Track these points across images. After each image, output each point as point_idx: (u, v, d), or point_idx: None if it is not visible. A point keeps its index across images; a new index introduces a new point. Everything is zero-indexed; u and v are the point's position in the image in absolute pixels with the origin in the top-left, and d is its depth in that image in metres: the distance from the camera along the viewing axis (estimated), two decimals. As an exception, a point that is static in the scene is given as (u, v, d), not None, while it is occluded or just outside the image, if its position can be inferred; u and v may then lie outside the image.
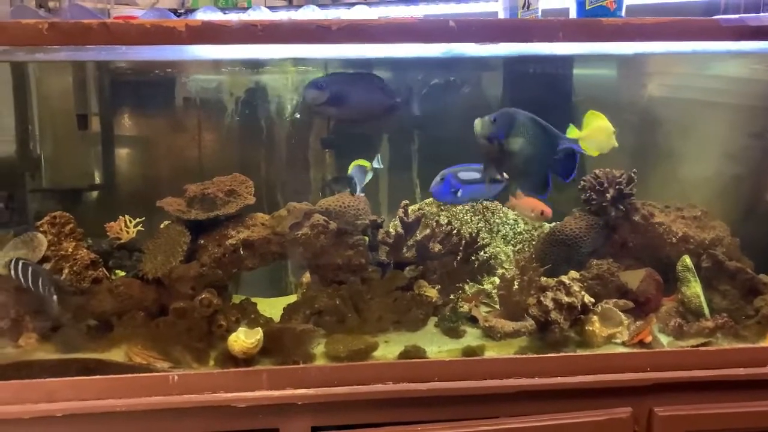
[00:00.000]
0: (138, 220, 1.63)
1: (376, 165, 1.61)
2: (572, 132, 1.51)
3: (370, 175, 1.61)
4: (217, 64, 1.77)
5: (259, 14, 1.51)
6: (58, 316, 1.43)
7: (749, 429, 1.39)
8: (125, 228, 1.61)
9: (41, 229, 1.50)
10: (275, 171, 1.93)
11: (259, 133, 1.90)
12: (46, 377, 1.30)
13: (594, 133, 1.51)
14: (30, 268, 1.37)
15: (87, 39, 1.23)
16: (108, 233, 1.62)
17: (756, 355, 1.44)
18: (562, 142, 1.46)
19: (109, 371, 1.35)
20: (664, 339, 1.56)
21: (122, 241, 1.61)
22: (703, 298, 1.60)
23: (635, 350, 1.48)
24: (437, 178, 1.59)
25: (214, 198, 1.58)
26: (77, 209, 1.72)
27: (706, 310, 1.60)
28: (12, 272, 1.38)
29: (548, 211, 1.68)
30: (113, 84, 1.86)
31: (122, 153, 1.92)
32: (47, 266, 1.47)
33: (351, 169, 1.60)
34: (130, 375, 1.33)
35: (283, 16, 1.44)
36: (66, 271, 1.45)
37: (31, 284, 1.37)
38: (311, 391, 1.31)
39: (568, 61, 1.89)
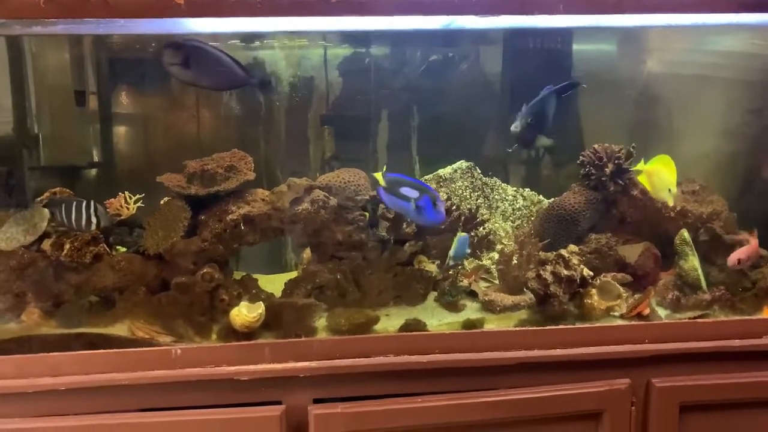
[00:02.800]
0: (138, 196, 1.62)
1: None
2: (640, 164, 1.60)
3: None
4: (215, 38, 1.75)
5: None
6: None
7: (745, 399, 1.42)
8: (125, 204, 1.61)
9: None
10: (275, 147, 1.93)
11: (258, 109, 1.89)
12: (49, 352, 1.31)
13: (652, 174, 1.58)
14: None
15: (85, 12, 1.21)
16: (108, 210, 1.61)
17: (752, 327, 1.46)
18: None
19: (112, 346, 1.36)
20: (661, 312, 1.57)
21: (122, 218, 1.61)
22: (700, 272, 1.62)
23: (633, 322, 1.50)
24: (431, 209, 1.46)
25: (213, 174, 1.58)
26: (77, 186, 1.72)
27: (704, 283, 1.61)
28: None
29: None
30: (111, 59, 1.84)
31: (121, 129, 1.91)
32: (48, 242, 1.47)
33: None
34: (133, 349, 1.33)
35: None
36: (67, 246, 1.45)
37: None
38: (313, 364, 1.32)
39: (567, 36, 1.88)
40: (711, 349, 1.41)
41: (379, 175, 1.51)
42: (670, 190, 1.57)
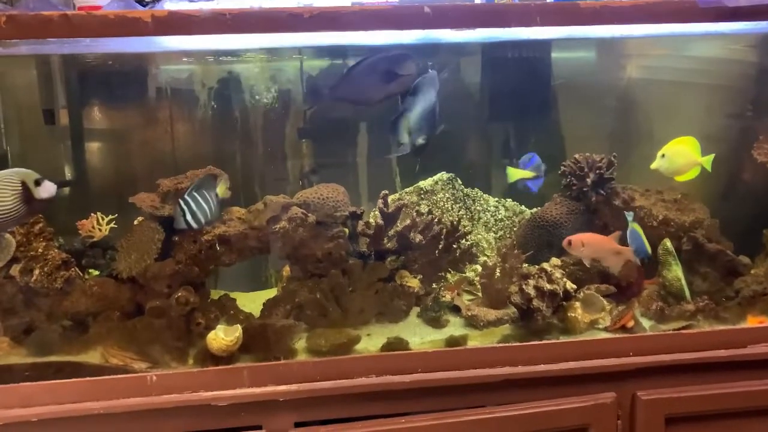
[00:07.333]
0: (110, 217, 1.58)
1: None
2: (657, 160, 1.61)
3: None
4: (187, 55, 1.72)
5: (229, 2, 1.46)
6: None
7: (731, 410, 1.41)
8: (97, 226, 1.57)
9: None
10: (251, 163, 1.89)
11: (233, 124, 1.85)
12: (19, 381, 1.26)
13: (674, 157, 1.58)
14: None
15: (47, 32, 1.18)
16: (80, 231, 1.57)
17: (736, 337, 1.45)
18: None
19: (85, 373, 1.32)
20: (646, 323, 1.56)
21: (95, 240, 1.57)
22: (684, 281, 1.61)
23: (618, 335, 1.49)
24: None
25: (188, 192, 1.54)
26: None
27: (687, 293, 1.61)
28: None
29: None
30: (80, 77, 1.80)
31: (92, 148, 1.86)
32: (16, 268, 1.42)
33: None
34: (107, 377, 1.30)
35: (255, 3, 1.39)
36: (37, 272, 1.41)
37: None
38: (293, 387, 1.29)
39: (546, 45, 1.87)
40: (696, 360, 1.40)
41: (516, 171, 1.63)
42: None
